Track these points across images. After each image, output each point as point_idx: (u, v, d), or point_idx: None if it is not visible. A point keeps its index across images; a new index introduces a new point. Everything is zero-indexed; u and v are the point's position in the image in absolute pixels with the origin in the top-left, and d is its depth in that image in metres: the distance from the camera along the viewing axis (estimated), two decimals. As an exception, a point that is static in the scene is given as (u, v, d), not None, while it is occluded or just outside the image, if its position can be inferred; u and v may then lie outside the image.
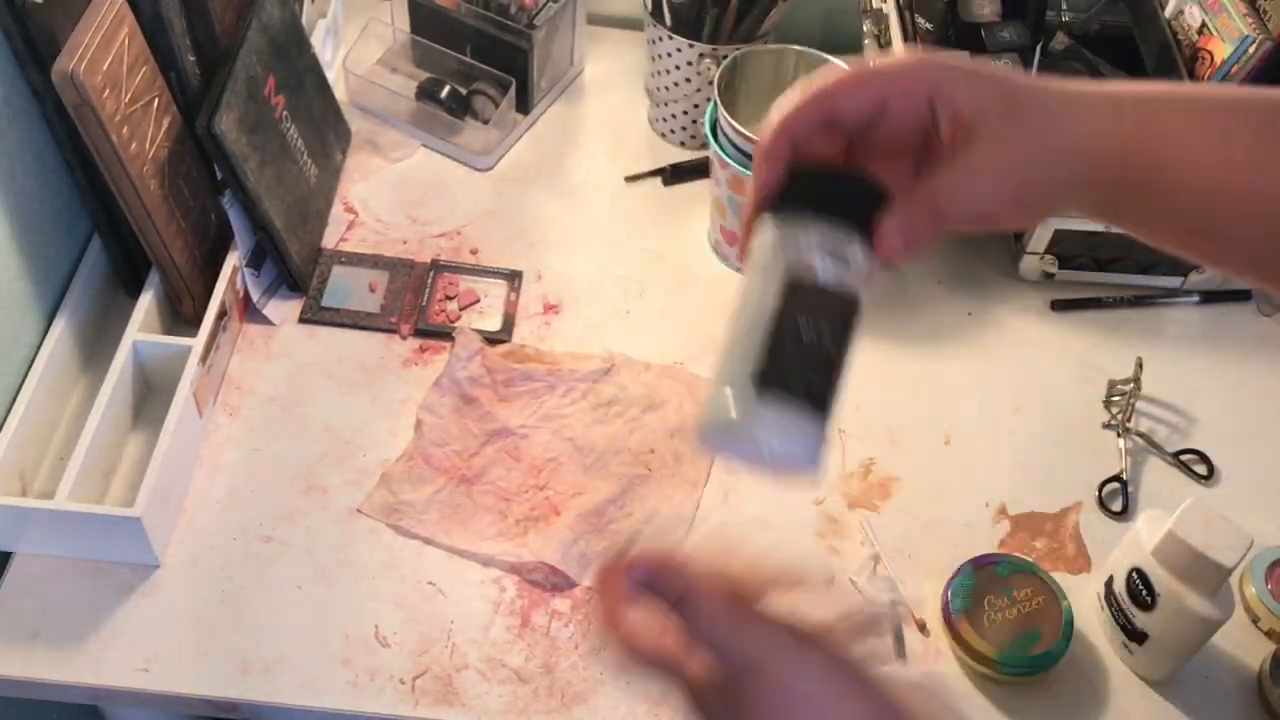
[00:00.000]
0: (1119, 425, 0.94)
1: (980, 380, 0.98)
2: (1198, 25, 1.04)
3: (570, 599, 0.83)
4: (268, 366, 0.94)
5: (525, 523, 0.86)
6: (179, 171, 0.89)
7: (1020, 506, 0.90)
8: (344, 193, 1.07)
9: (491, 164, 1.11)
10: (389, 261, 1.01)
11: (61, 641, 0.78)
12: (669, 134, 1.15)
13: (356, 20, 1.17)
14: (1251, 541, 0.74)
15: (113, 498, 0.85)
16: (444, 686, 0.78)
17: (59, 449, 0.87)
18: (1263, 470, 0.94)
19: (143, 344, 0.88)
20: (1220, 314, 1.04)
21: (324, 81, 1.05)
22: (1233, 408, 0.98)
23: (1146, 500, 0.91)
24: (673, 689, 0.47)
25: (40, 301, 0.88)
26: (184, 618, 0.80)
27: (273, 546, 0.84)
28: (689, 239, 1.07)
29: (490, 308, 0.99)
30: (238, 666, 0.78)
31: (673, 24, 1.07)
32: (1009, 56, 0.95)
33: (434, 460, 0.88)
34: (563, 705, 0.78)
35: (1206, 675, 0.83)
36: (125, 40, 0.81)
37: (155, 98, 0.85)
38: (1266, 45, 0.97)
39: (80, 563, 0.81)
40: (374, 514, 0.86)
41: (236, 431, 0.90)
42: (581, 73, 1.21)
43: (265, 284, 0.97)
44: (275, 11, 0.96)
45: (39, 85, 0.80)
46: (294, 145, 0.98)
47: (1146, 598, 0.78)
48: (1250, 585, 0.85)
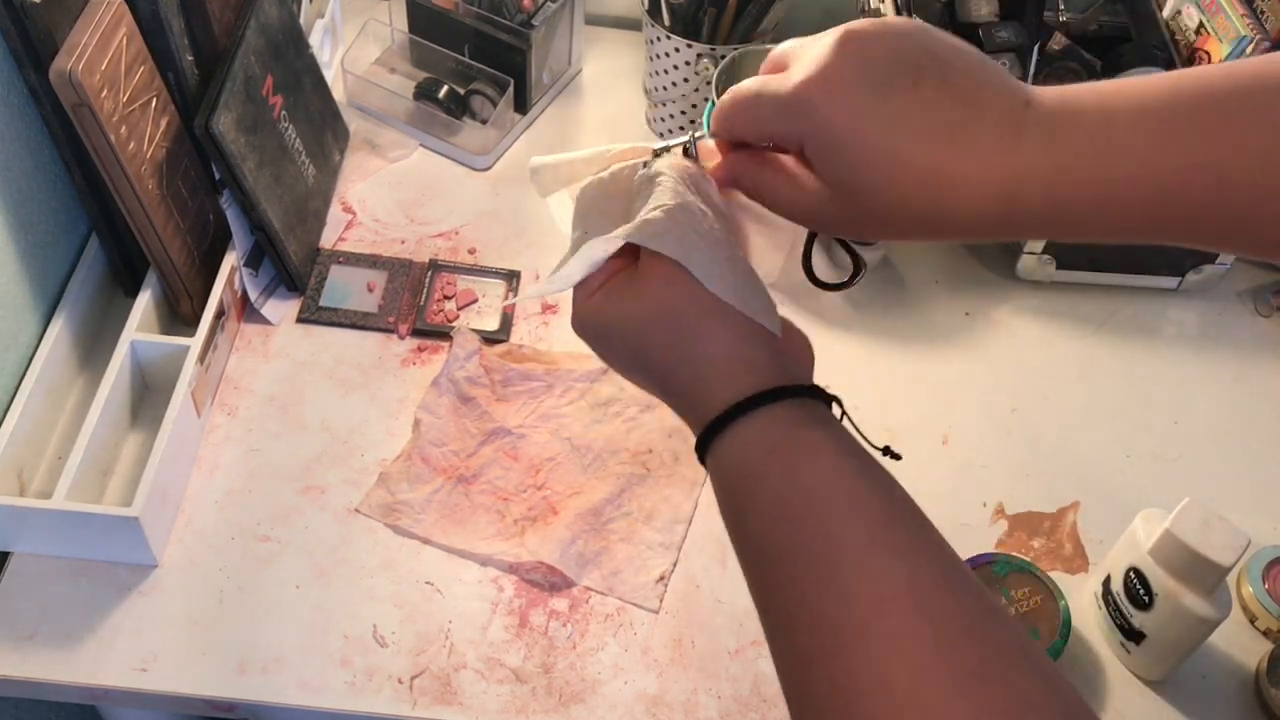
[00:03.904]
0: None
1: (978, 380, 0.98)
2: (1195, 25, 1.04)
3: (568, 599, 0.83)
4: (266, 366, 0.94)
5: (523, 522, 0.86)
6: (177, 171, 0.89)
7: (1018, 506, 0.91)
8: (342, 192, 1.07)
9: (489, 164, 1.11)
10: (387, 261, 1.01)
11: (59, 641, 0.78)
12: (667, 134, 1.15)
13: (355, 20, 1.17)
14: (1248, 541, 0.74)
15: (110, 497, 0.85)
16: (442, 686, 0.78)
17: (57, 448, 0.87)
18: (1260, 470, 0.94)
19: (141, 344, 0.88)
20: (1217, 314, 1.04)
21: (322, 81, 1.05)
22: (1230, 407, 0.98)
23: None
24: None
25: (38, 301, 0.88)
26: (182, 617, 0.80)
27: (271, 546, 0.84)
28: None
29: (488, 307, 0.99)
30: (236, 666, 0.78)
31: (671, 24, 1.07)
32: (1007, 56, 0.95)
33: (432, 460, 0.88)
34: (561, 705, 0.78)
35: (1204, 675, 0.83)
36: (123, 40, 0.81)
37: (153, 98, 0.85)
38: (1264, 46, 0.97)
39: (78, 562, 0.81)
40: (372, 514, 0.86)
41: (235, 431, 0.90)
42: (580, 73, 1.21)
43: (263, 284, 0.97)
44: (273, 11, 0.96)
45: (37, 85, 0.80)
46: (292, 145, 0.98)
47: (1144, 597, 0.78)
48: (1247, 585, 0.86)
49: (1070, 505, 0.91)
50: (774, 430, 0.47)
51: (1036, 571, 0.83)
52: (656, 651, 0.81)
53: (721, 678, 0.80)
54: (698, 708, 0.79)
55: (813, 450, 0.46)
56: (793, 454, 0.46)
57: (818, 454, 0.46)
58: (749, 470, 0.47)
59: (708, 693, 0.79)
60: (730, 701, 0.79)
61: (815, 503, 0.45)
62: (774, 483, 0.46)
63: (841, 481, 0.45)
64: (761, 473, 0.46)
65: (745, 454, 0.47)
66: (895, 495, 0.46)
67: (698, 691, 0.79)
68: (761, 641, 0.81)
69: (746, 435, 0.47)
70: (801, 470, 0.46)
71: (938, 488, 0.90)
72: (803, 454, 0.46)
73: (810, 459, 0.46)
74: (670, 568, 0.85)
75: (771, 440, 0.47)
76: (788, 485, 0.46)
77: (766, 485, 0.46)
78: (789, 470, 0.46)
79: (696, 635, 0.82)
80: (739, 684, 0.80)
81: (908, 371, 0.98)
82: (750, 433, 0.47)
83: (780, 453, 0.46)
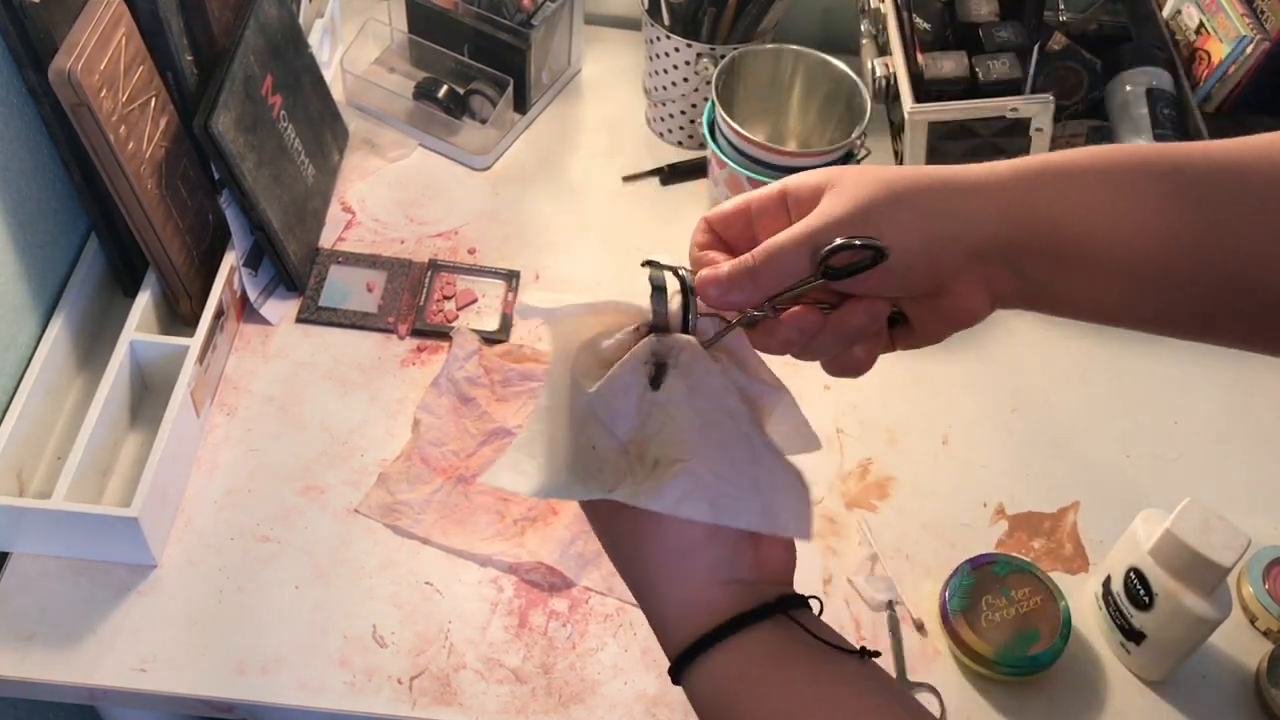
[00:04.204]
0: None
1: (978, 380, 0.98)
2: (1195, 25, 1.04)
3: (568, 599, 0.83)
4: (265, 366, 0.94)
5: (523, 523, 0.86)
6: (176, 171, 0.89)
7: (1018, 506, 0.90)
8: (341, 192, 1.07)
9: (489, 164, 1.11)
10: (386, 261, 1.01)
11: (58, 641, 0.78)
12: (666, 134, 1.15)
13: (354, 20, 1.17)
14: (1249, 541, 0.74)
15: (110, 498, 0.84)
16: (441, 686, 0.78)
17: (56, 449, 0.87)
18: (1260, 470, 0.94)
19: (140, 344, 0.88)
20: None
21: (321, 81, 1.05)
22: (1229, 407, 0.98)
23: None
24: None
25: (37, 301, 0.88)
26: (181, 618, 0.80)
27: (270, 546, 0.84)
28: (687, 239, 1.06)
29: (488, 307, 0.99)
30: (235, 667, 0.78)
31: (670, 23, 1.07)
32: (1007, 56, 0.95)
33: (431, 460, 0.88)
34: (560, 705, 0.78)
35: (1204, 675, 0.83)
36: (122, 40, 0.81)
37: (153, 97, 0.85)
38: (1264, 45, 0.97)
39: (77, 563, 0.81)
40: (371, 514, 0.86)
41: (234, 431, 0.90)
42: (579, 72, 1.20)
43: (263, 284, 0.97)
44: (272, 11, 0.96)
45: (36, 85, 0.80)
46: (291, 145, 0.98)
47: (1144, 597, 0.78)
48: (1248, 585, 0.85)
49: (1070, 505, 0.91)
50: (738, 662, 0.48)
51: (1037, 572, 0.83)
52: (656, 651, 0.81)
53: (721, 678, 0.80)
54: (697, 708, 0.79)
55: (780, 679, 0.47)
56: (759, 684, 0.48)
57: (786, 682, 0.47)
58: (718, 701, 0.49)
59: (707, 693, 0.79)
60: (730, 702, 0.79)
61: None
62: (746, 708, 0.48)
63: (813, 703, 0.47)
64: (729, 704, 0.48)
65: (714, 686, 0.49)
66: (874, 693, 0.48)
67: (697, 692, 0.79)
68: (761, 642, 0.81)
69: (713, 667, 0.49)
70: (769, 698, 0.47)
71: (938, 488, 0.90)
72: (769, 684, 0.48)
73: (779, 687, 0.47)
74: (670, 568, 0.84)
75: (736, 671, 0.48)
76: (759, 710, 0.47)
77: (739, 710, 0.48)
78: (758, 698, 0.47)
79: (696, 635, 0.82)
80: (739, 684, 0.80)
81: (908, 371, 0.98)
82: (717, 665, 0.48)
83: (748, 681, 0.48)
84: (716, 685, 0.48)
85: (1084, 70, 1.03)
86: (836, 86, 1.03)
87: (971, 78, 0.95)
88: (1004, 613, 0.80)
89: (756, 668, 0.48)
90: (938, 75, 0.95)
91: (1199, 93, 1.00)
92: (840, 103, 1.03)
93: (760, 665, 0.48)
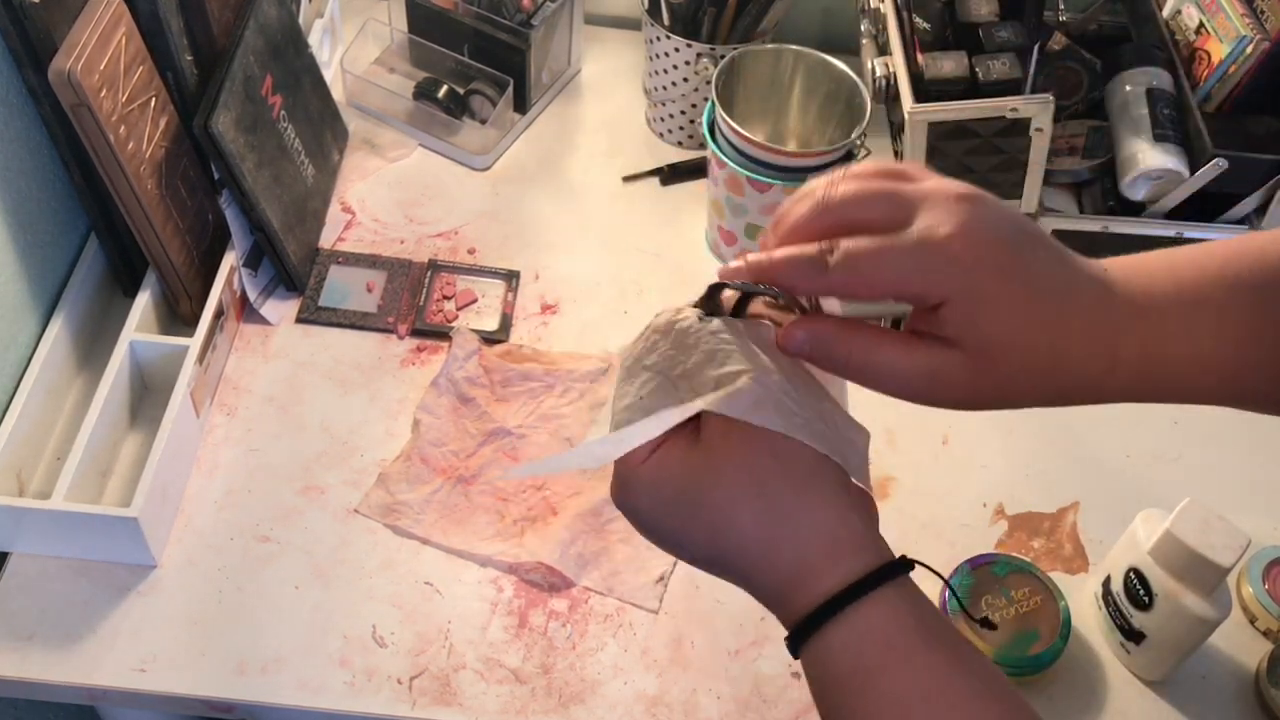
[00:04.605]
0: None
1: (978, 380, 0.98)
2: (1195, 25, 1.04)
3: (568, 599, 0.83)
4: (265, 366, 0.94)
5: (523, 523, 0.86)
6: (176, 171, 0.89)
7: (1018, 506, 0.90)
8: (341, 192, 1.07)
9: (489, 164, 1.11)
10: (386, 261, 1.01)
11: (58, 642, 0.78)
12: (667, 134, 1.15)
13: (354, 20, 1.17)
14: (1249, 541, 0.74)
15: (109, 498, 0.84)
16: (441, 687, 0.78)
17: (56, 449, 0.87)
18: (1260, 470, 0.94)
19: (140, 344, 0.88)
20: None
21: (321, 81, 1.05)
22: (1230, 407, 0.98)
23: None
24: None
25: (37, 301, 0.88)
26: (181, 618, 0.80)
27: (270, 547, 0.84)
28: (686, 239, 1.07)
29: (488, 308, 0.99)
30: (235, 667, 0.78)
31: (670, 23, 1.07)
32: (1007, 56, 0.95)
33: (431, 460, 0.88)
34: (560, 705, 0.78)
35: (1204, 675, 0.83)
36: (122, 40, 0.81)
37: (152, 97, 0.85)
38: (1264, 45, 0.97)
39: (77, 563, 0.81)
40: (371, 514, 0.86)
41: (234, 432, 0.90)
42: (579, 72, 1.20)
43: (262, 284, 0.97)
44: (272, 11, 0.96)
45: (36, 85, 0.80)
46: (291, 145, 0.98)
47: (1144, 597, 0.78)
48: (1247, 585, 0.85)
49: (1070, 505, 0.91)
50: (887, 622, 0.45)
51: (1036, 572, 0.83)
52: (656, 652, 0.81)
53: (721, 678, 0.80)
54: (697, 708, 0.79)
55: (925, 645, 0.44)
56: (906, 650, 0.44)
57: (931, 648, 0.44)
58: (861, 666, 0.44)
59: (707, 693, 0.79)
60: (730, 702, 0.79)
61: (935, 709, 0.44)
62: (891, 682, 0.44)
63: (957, 683, 0.44)
64: (878, 668, 0.44)
65: (860, 647, 0.45)
66: (1002, 684, 0.45)
67: (697, 692, 0.79)
68: (761, 641, 0.81)
69: (862, 625, 0.45)
70: (918, 666, 0.44)
71: (938, 488, 0.90)
72: (916, 649, 0.44)
73: (925, 653, 0.44)
74: (670, 568, 0.84)
75: (885, 634, 0.45)
76: (905, 685, 0.44)
77: (883, 683, 0.44)
78: (905, 664, 0.44)
79: (696, 635, 0.82)
80: (739, 684, 0.80)
81: (907, 371, 0.98)
82: (863, 623, 0.45)
83: (895, 648, 0.44)
84: (864, 647, 0.44)
85: (1084, 70, 1.03)
86: (836, 86, 1.03)
87: (971, 78, 0.95)
88: (1004, 613, 0.80)
89: (905, 638, 0.44)
90: (938, 75, 0.95)
91: (1199, 93, 1.00)
92: (840, 103, 1.03)
93: (908, 637, 0.44)
